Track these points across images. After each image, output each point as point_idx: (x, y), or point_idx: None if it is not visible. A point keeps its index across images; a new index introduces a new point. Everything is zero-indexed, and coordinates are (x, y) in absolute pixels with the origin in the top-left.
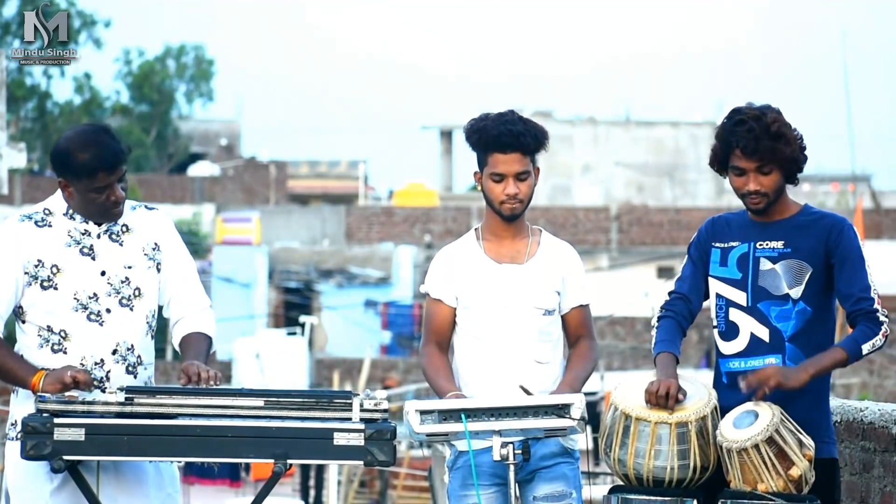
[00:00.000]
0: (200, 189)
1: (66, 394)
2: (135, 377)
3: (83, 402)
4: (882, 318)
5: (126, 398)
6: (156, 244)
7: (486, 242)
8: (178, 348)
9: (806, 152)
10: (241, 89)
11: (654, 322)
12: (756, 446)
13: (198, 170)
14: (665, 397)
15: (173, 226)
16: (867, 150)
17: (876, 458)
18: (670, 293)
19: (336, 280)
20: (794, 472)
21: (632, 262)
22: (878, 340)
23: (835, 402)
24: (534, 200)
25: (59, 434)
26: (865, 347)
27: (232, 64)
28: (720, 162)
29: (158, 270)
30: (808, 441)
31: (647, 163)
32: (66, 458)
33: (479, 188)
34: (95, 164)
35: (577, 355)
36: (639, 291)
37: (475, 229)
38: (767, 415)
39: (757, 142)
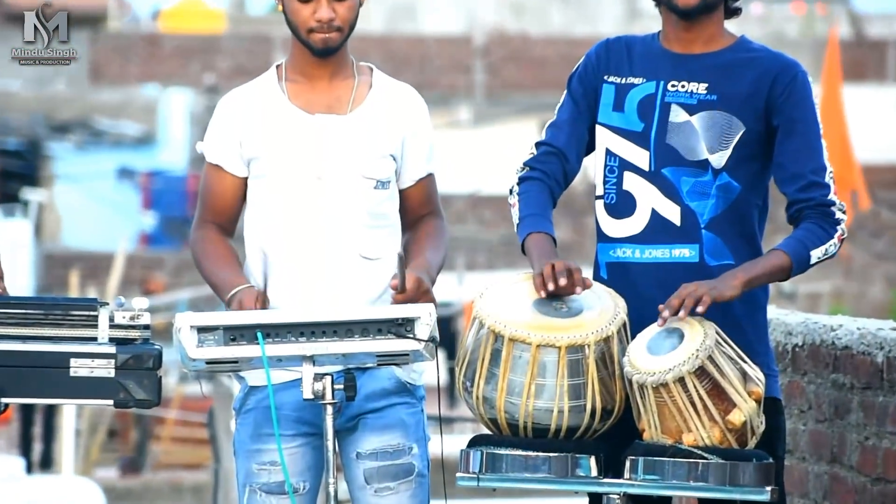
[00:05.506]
0: None
1: None
2: None
3: None
4: (840, 216)
5: None
6: None
7: (293, 85)
8: None
9: None
10: None
11: (514, 186)
12: (681, 380)
13: None
14: (568, 277)
15: None
16: None
17: (854, 399)
18: (538, 144)
19: (75, 138)
20: (736, 416)
21: (504, 113)
22: (831, 246)
23: (796, 318)
24: (363, 25)
25: None
26: (815, 254)
27: None
28: None
29: None
30: (756, 373)
31: None
32: None
33: (281, 9)
34: None
35: (423, 235)
36: (514, 157)
37: (276, 67)
38: (697, 334)
39: None
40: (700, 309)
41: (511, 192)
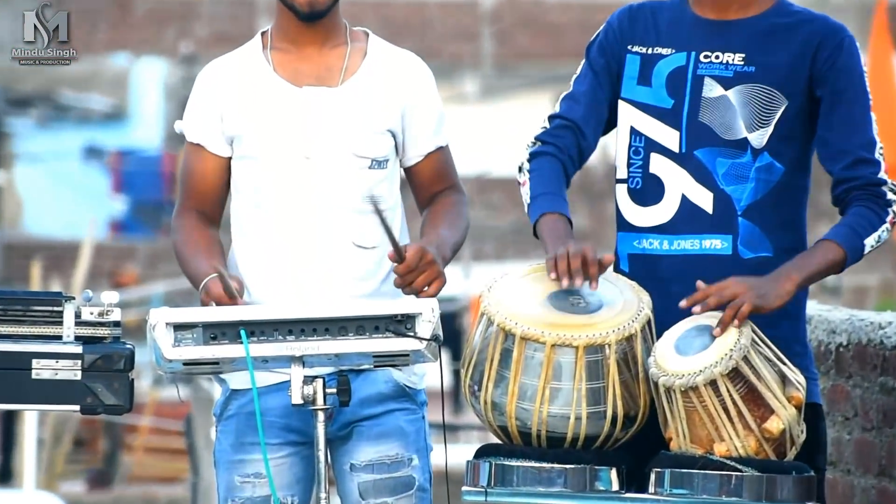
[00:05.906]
0: None
1: None
2: None
3: None
4: (891, 196)
5: None
6: None
7: (279, 54)
8: None
9: None
10: None
11: (523, 163)
12: (712, 383)
13: None
14: (582, 266)
15: None
16: None
17: None
18: (552, 118)
19: (38, 114)
20: (773, 424)
21: (515, 86)
22: (884, 232)
23: (840, 315)
24: None
25: None
26: (868, 242)
27: None
28: None
29: None
30: (796, 376)
31: None
32: None
33: None
34: None
35: (439, 210)
36: (526, 135)
37: (262, 34)
38: (731, 333)
39: None
40: (735, 322)
41: (521, 169)
